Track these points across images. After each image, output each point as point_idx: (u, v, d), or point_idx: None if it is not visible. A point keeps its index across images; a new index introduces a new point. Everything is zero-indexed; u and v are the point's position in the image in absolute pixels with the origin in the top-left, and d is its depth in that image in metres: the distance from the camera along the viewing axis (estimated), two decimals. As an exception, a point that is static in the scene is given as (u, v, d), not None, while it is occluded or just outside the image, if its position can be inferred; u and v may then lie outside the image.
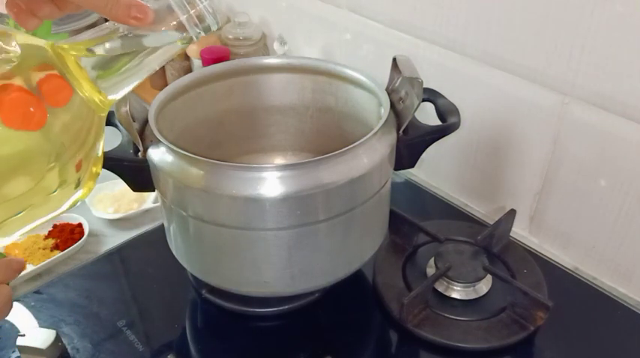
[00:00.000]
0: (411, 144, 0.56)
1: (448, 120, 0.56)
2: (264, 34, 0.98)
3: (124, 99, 0.50)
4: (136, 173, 0.54)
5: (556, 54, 0.60)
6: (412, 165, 0.57)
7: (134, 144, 0.53)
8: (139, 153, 0.53)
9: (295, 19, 0.92)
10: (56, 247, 0.70)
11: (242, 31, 0.95)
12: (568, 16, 0.58)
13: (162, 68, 0.99)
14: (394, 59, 0.57)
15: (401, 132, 0.55)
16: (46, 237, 0.72)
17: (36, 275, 0.67)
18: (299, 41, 0.93)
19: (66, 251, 0.69)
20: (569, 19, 0.58)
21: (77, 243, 0.70)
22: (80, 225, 0.73)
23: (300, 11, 0.90)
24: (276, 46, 0.92)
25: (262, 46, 0.97)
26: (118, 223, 0.75)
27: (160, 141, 0.50)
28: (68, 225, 0.73)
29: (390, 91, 0.57)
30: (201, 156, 0.48)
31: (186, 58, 0.97)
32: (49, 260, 0.67)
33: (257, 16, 1.00)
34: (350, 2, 0.81)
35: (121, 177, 0.55)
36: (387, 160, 0.53)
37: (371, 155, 0.51)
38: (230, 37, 0.95)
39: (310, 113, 0.67)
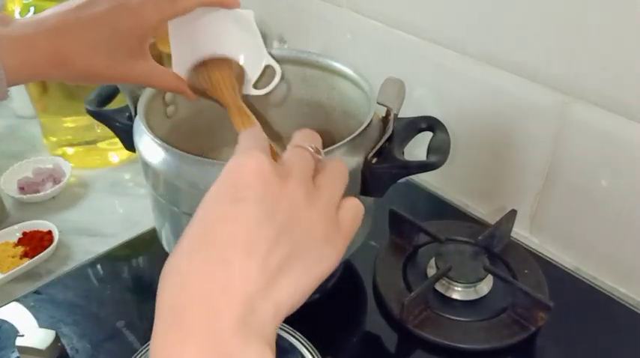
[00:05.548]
0: (375, 173, 0.52)
1: (428, 158, 0.52)
2: (264, 34, 0.98)
3: None
4: (127, 135, 0.56)
5: (556, 54, 0.60)
6: (380, 195, 0.53)
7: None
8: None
9: (295, 19, 0.92)
10: (25, 255, 0.69)
11: (242, 30, 0.95)
12: (568, 15, 0.57)
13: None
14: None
15: (369, 156, 0.52)
16: (16, 245, 0.70)
17: (36, 275, 0.67)
18: (299, 41, 0.93)
19: (35, 258, 0.67)
20: (569, 19, 0.57)
21: (47, 250, 0.68)
22: (50, 232, 0.71)
23: (300, 11, 0.90)
24: (276, 45, 0.92)
25: (262, 46, 0.97)
26: (117, 222, 0.75)
27: (150, 136, 0.51)
28: (38, 232, 0.72)
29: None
30: (190, 153, 0.49)
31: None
32: (17, 268, 0.66)
33: (257, 16, 0.99)
34: (350, 2, 0.81)
35: (115, 135, 0.58)
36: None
37: (357, 152, 0.51)
38: (230, 36, 0.95)
39: (304, 104, 0.67)
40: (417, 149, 0.58)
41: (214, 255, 0.29)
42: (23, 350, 0.54)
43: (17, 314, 0.61)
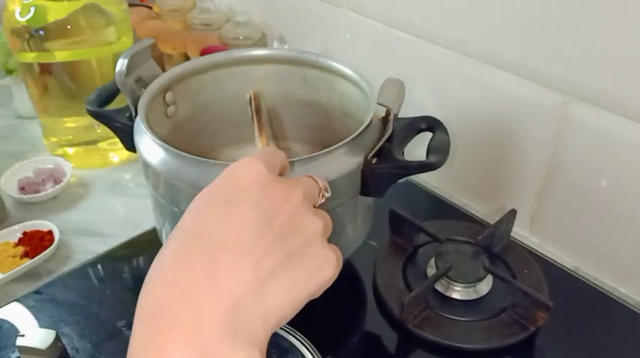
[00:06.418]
0: (375, 173, 0.51)
1: (428, 158, 0.52)
2: (264, 34, 0.98)
3: (130, 67, 0.54)
4: (128, 135, 0.56)
5: (556, 54, 0.60)
6: (380, 195, 0.53)
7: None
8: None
9: (295, 19, 0.92)
10: (26, 255, 0.69)
11: (242, 30, 0.95)
12: (568, 15, 0.57)
13: (163, 67, 0.99)
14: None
15: (369, 156, 0.51)
16: (16, 245, 0.70)
17: (36, 275, 0.67)
18: (299, 41, 0.93)
19: (35, 258, 0.67)
20: (569, 19, 0.58)
21: (47, 250, 0.68)
22: (50, 232, 0.71)
23: (300, 11, 0.90)
24: (275, 45, 0.92)
25: (262, 46, 0.97)
26: (118, 223, 0.75)
27: (150, 136, 0.51)
28: (38, 232, 0.72)
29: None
30: (190, 153, 0.49)
31: (187, 57, 0.97)
32: (17, 268, 0.66)
33: (257, 16, 1.00)
34: (350, 2, 0.81)
35: (116, 135, 0.58)
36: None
37: (357, 152, 0.51)
38: (230, 36, 0.95)
39: (304, 104, 0.67)
40: (417, 149, 0.59)
41: (203, 254, 0.28)
42: (24, 350, 0.54)
43: (18, 314, 0.61)
